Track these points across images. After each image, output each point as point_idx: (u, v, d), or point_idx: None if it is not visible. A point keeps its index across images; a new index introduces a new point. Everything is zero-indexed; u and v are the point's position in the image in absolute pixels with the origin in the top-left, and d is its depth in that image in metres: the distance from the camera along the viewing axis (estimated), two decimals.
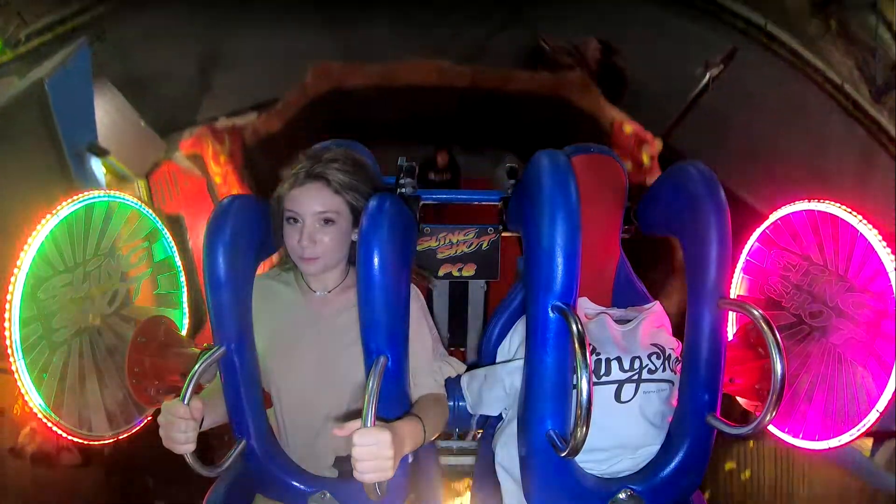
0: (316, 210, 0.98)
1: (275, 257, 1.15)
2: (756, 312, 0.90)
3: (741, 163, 3.90)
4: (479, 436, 1.35)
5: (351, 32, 5.10)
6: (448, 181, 4.67)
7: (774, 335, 0.87)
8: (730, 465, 2.57)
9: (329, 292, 1.08)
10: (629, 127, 4.42)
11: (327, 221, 0.99)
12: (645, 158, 4.27)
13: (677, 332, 1.08)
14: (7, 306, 1.01)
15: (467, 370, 1.18)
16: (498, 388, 1.09)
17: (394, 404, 0.95)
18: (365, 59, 4.95)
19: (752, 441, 2.47)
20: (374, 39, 5.09)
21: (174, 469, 1.01)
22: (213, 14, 4.87)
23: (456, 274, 1.50)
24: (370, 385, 0.81)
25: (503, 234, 1.48)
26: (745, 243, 1.38)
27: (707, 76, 4.11)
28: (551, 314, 0.88)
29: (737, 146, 4.21)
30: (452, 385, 1.17)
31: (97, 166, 3.22)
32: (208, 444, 1.02)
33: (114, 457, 2.39)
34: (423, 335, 1.07)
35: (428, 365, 1.06)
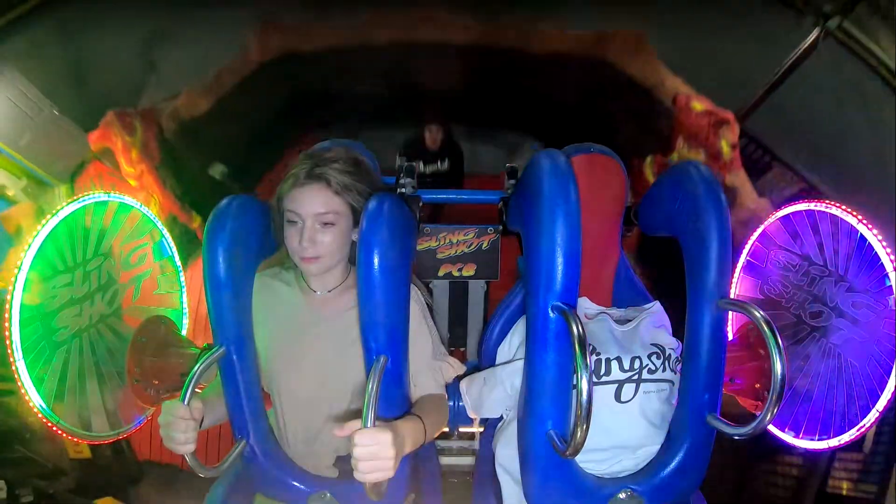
0: (317, 211, 0.98)
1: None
2: (756, 312, 0.90)
3: (813, 153, 3.11)
4: (479, 435, 1.35)
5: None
6: (445, 173, 3.25)
7: (774, 335, 0.87)
8: None
9: (330, 292, 1.08)
10: (699, 104, 3.22)
11: (328, 222, 0.99)
12: (724, 147, 3.12)
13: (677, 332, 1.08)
14: (7, 306, 1.01)
15: (467, 372, 1.17)
16: (499, 390, 1.09)
17: (394, 404, 0.95)
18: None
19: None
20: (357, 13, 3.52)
21: None
22: None
23: (456, 274, 1.50)
24: (370, 385, 0.81)
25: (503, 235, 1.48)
26: (746, 243, 1.38)
27: (816, 31, 2.86)
28: (551, 314, 0.88)
29: (807, 135, 3.26)
30: (452, 386, 1.17)
31: None
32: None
33: None
34: (423, 336, 1.07)
35: (428, 365, 1.06)
